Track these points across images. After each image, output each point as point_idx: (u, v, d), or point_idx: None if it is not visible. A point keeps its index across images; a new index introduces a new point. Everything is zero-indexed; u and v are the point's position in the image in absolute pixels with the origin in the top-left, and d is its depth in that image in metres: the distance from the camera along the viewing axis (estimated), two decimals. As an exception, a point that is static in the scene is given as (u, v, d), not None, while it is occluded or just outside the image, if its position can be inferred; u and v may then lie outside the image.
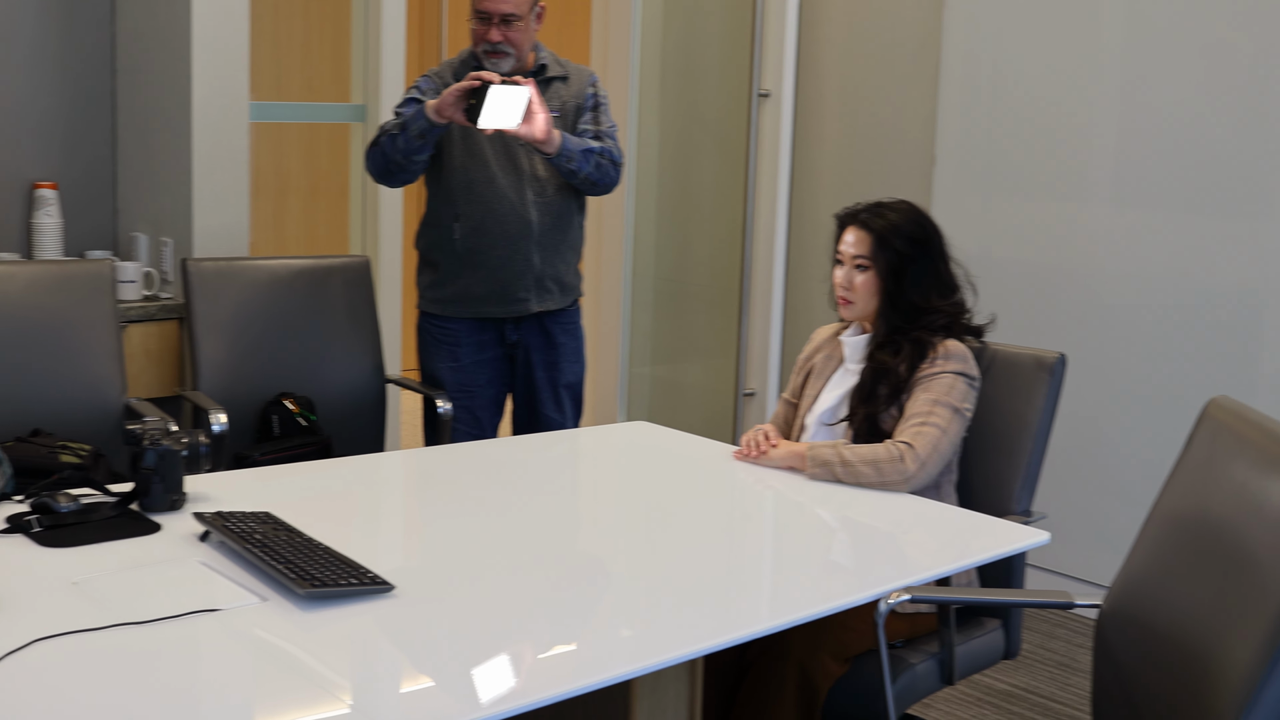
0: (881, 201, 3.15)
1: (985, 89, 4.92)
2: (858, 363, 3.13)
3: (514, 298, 4.03)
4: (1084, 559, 4.57)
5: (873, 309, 3.11)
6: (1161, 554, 2.33)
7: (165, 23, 4.55)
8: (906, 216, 3.11)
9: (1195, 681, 2.08)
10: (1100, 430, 4.62)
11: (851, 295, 3.11)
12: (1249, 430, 2.22)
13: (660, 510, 2.91)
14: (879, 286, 3.08)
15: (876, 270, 3.08)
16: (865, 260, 3.08)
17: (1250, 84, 4.23)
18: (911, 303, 3.06)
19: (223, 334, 4.10)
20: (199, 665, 1.99)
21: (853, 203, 3.18)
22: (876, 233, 3.08)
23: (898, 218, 3.10)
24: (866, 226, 3.09)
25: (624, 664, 2.04)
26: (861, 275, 3.09)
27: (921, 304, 3.07)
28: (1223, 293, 4.33)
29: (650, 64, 5.99)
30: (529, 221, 3.97)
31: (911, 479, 2.89)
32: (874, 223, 3.09)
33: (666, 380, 6.20)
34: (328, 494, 2.93)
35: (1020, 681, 4.11)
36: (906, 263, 3.07)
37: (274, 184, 6.31)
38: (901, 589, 2.41)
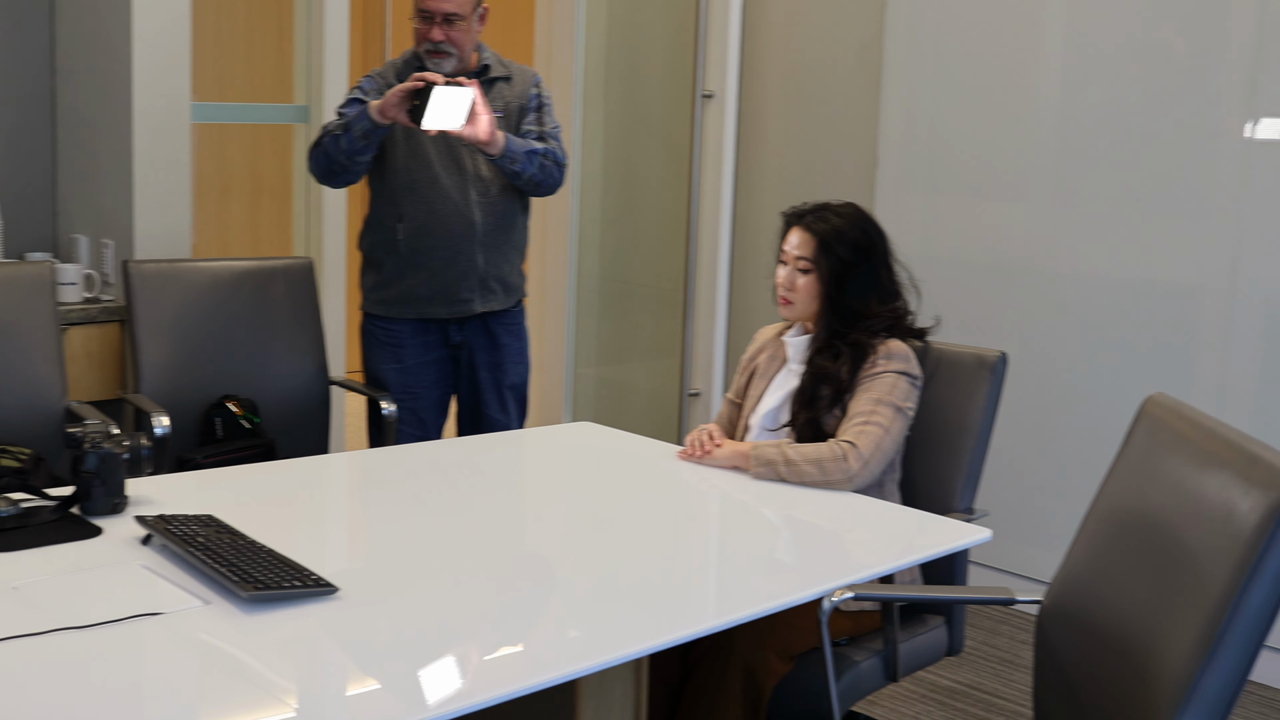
0: (828, 204, 3.15)
1: (927, 89, 4.95)
2: (800, 363, 3.14)
3: (458, 298, 4.02)
4: (1026, 556, 4.61)
5: (813, 311, 3.13)
6: (1100, 550, 2.35)
7: (105, 23, 4.52)
8: (852, 222, 3.11)
9: (1134, 675, 2.11)
10: (1041, 428, 4.66)
11: (793, 296, 3.12)
12: (1186, 427, 2.25)
13: (605, 510, 2.92)
14: (820, 290, 3.09)
15: (819, 274, 3.08)
16: (808, 263, 3.09)
17: (1187, 85, 4.28)
18: (852, 308, 3.08)
19: (165, 336, 4.07)
20: (142, 670, 1.97)
21: (799, 202, 3.19)
22: (820, 237, 3.08)
23: (843, 223, 3.10)
24: (811, 230, 3.10)
25: (569, 664, 2.04)
26: (804, 277, 3.10)
27: (862, 310, 3.08)
28: (1161, 291, 4.38)
29: (594, 65, 5.99)
30: (473, 222, 3.97)
31: (855, 478, 2.90)
32: (818, 226, 3.10)
33: (611, 381, 6.20)
34: (271, 496, 2.92)
35: (964, 678, 4.14)
36: (849, 269, 3.07)
37: (216, 185, 6.27)
38: (845, 587, 2.42)
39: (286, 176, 5.68)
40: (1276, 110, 4.10)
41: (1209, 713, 1.96)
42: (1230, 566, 1.94)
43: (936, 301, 4.84)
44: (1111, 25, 4.45)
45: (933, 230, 4.95)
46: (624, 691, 2.44)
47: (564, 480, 3.25)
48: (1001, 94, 4.74)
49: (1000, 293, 4.76)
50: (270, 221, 6.32)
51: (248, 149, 6.37)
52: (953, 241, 4.90)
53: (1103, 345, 4.51)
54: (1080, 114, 4.54)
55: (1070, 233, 4.58)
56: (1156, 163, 4.36)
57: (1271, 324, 4.13)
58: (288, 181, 5.64)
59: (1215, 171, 4.23)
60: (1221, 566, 1.97)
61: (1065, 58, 4.58)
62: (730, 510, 2.92)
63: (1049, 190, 4.64)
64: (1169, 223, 4.35)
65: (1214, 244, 4.24)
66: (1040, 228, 4.66)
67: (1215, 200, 4.24)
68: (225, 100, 5.99)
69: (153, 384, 4.01)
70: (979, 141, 4.81)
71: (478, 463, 3.29)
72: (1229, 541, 1.97)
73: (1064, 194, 4.60)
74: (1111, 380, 4.47)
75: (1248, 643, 1.94)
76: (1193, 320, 4.31)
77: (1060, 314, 4.61)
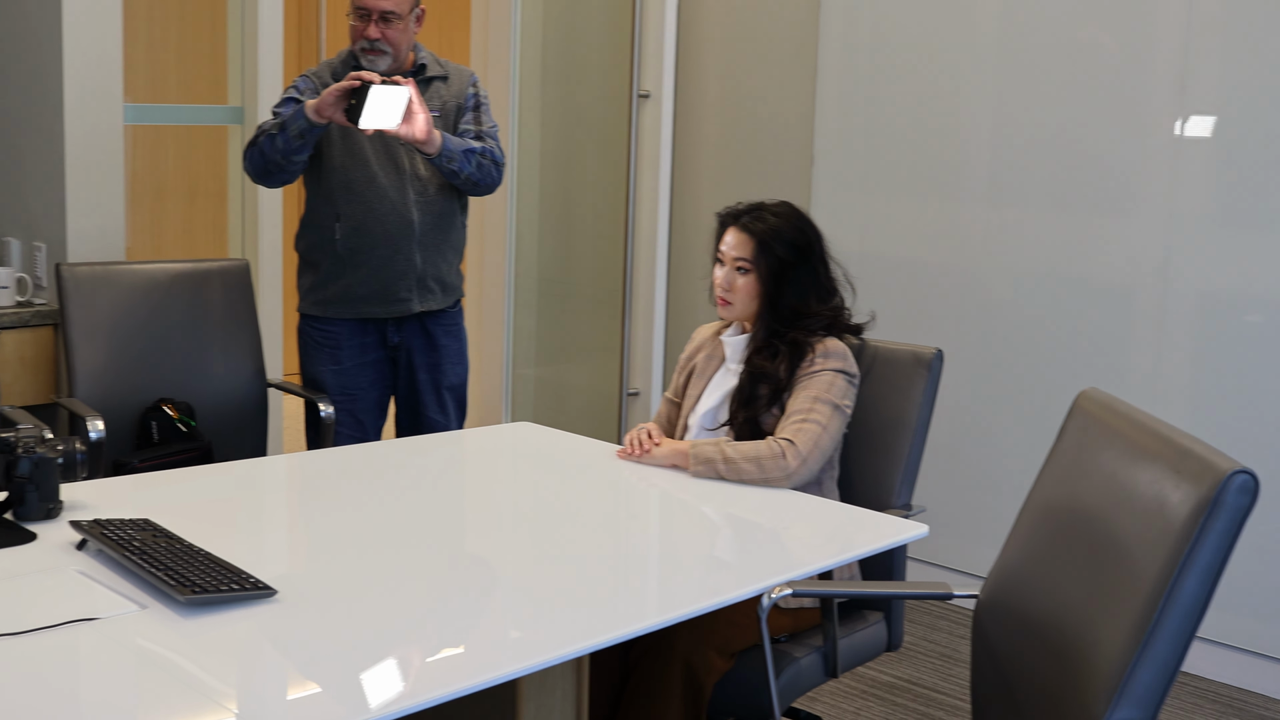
0: (764, 203, 3.16)
1: (862, 89, 4.98)
2: (738, 363, 3.15)
3: (396, 298, 4.01)
4: (963, 551, 4.65)
5: (752, 311, 3.13)
6: (1035, 544, 2.37)
7: (35, 23, 4.47)
8: (788, 221, 3.12)
9: (1069, 667, 2.13)
10: (977, 424, 4.70)
11: (731, 296, 3.13)
12: (1118, 421, 2.28)
13: (546, 510, 2.92)
14: (759, 290, 3.10)
15: (757, 275, 3.09)
16: (746, 264, 3.10)
17: (1117, 84, 4.33)
18: (791, 307, 3.09)
19: (99, 340, 4.03)
20: (79, 676, 1.96)
21: (735, 201, 3.20)
22: (758, 237, 3.09)
23: (780, 222, 3.11)
24: (748, 230, 3.11)
25: (510, 664, 2.04)
26: (742, 278, 3.11)
27: (800, 309, 3.09)
28: (1093, 288, 4.43)
29: (530, 65, 5.99)
30: (410, 221, 3.96)
31: (793, 475, 2.92)
32: (755, 226, 3.10)
33: (551, 381, 6.20)
34: (209, 500, 2.90)
35: (903, 673, 4.17)
36: (787, 268, 3.08)
37: (151, 187, 6.22)
38: (784, 583, 2.44)
39: (221, 178, 5.64)
40: (1205, 108, 4.15)
41: (1142, 703, 1.99)
42: (1162, 559, 1.97)
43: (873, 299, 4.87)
44: (1043, 25, 4.50)
45: (869, 229, 4.98)
46: (565, 691, 2.45)
47: (504, 481, 3.25)
48: (935, 94, 4.78)
49: (936, 290, 4.80)
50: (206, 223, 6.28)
51: (182, 150, 6.32)
52: (889, 240, 4.93)
53: (1037, 342, 4.56)
54: (1013, 113, 4.59)
55: (1004, 231, 4.62)
56: (1088, 161, 4.41)
57: (1202, 320, 4.19)
58: (223, 183, 5.60)
59: (1146, 169, 4.28)
60: (1153, 559, 1.99)
61: (998, 58, 4.62)
62: (670, 509, 2.93)
63: (983, 189, 4.68)
64: (1101, 220, 4.40)
65: (1145, 241, 4.29)
66: (975, 226, 4.70)
67: (1146, 198, 4.29)
68: (159, 101, 5.94)
69: (87, 388, 3.98)
70: (914, 141, 4.84)
71: (417, 464, 3.29)
72: (1161, 534, 2.00)
73: (998, 192, 4.64)
74: (1046, 376, 4.52)
75: (1180, 634, 1.97)
76: (1125, 316, 4.36)
77: (995, 311, 4.66)
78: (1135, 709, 1.99)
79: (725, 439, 3.03)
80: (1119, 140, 4.34)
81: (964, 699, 3.98)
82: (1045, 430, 2.70)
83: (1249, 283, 4.10)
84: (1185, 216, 4.20)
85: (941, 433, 3.90)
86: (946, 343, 3.77)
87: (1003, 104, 4.62)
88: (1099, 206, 4.40)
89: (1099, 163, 4.39)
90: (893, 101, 4.90)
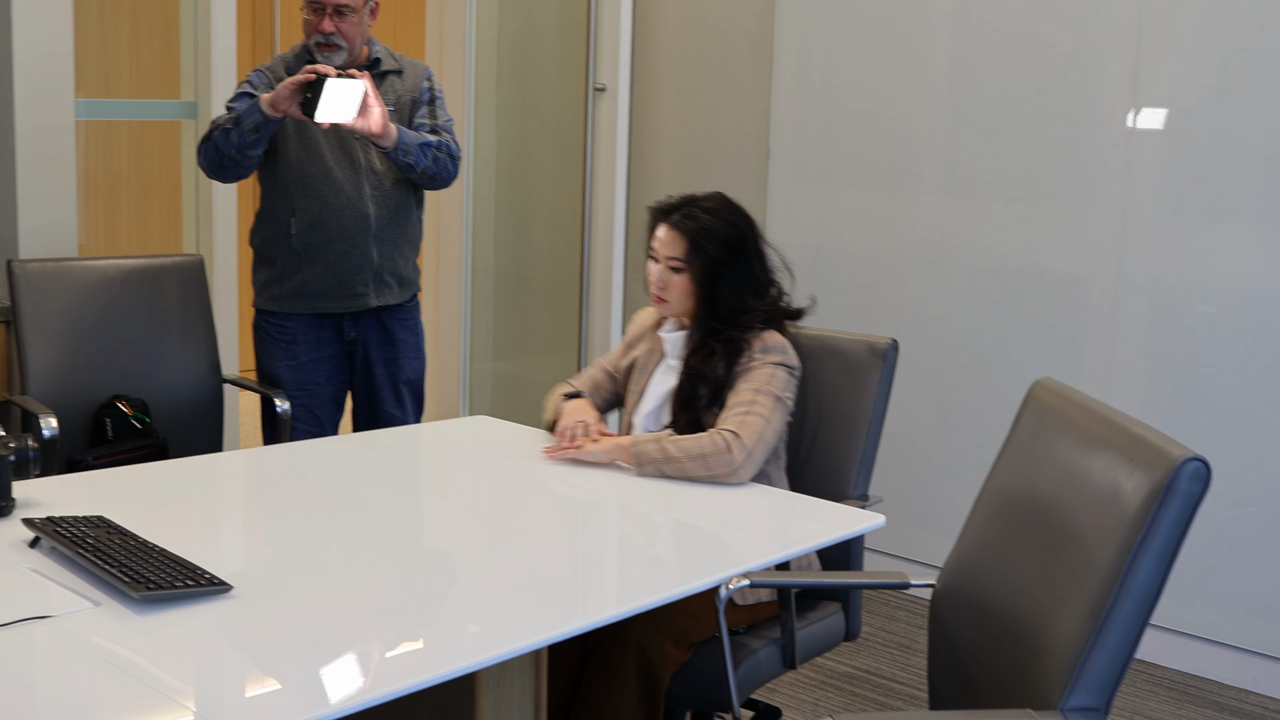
0: (695, 197, 3.09)
1: (817, 83, 4.99)
2: (678, 359, 3.12)
3: (352, 293, 4.00)
4: (920, 541, 4.67)
5: (688, 308, 3.09)
6: (991, 532, 2.39)
7: (-16, 18, 4.43)
8: (720, 217, 3.05)
9: (1025, 654, 2.15)
10: (933, 414, 4.73)
11: (667, 294, 3.07)
12: (1072, 410, 2.29)
13: (503, 504, 2.92)
14: (694, 290, 3.05)
15: (691, 274, 3.04)
16: (679, 263, 3.04)
17: (1070, 76, 4.36)
18: (728, 304, 3.04)
19: (52, 336, 4.00)
20: (33, 674, 1.94)
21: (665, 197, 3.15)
22: (690, 236, 3.02)
23: (712, 219, 3.04)
24: (680, 228, 3.04)
25: (468, 656, 2.04)
26: (676, 276, 3.05)
27: (737, 305, 3.04)
28: (1048, 279, 4.45)
29: (486, 59, 5.98)
30: (366, 215, 3.95)
31: (739, 470, 2.88)
32: (687, 224, 3.03)
33: (508, 375, 6.20)
34: (163, 496, 2.88)
35: (861, 664, 4.19)
36: (721, 266, 3.03)
37: (103, 183, 6.17)
38: (741, 574, 2.44)
39: (175, 173, 5.61)
40: (1158, 100, 4.18)
41: (1097, 690, 2.01)
42: (1116, 546, 1.99)
43: (827, 290, 4.88)
44: (996, 17, 4.52)
45: (825, 220, 4.99)
46: (524, 683, 2.45)
47: (461, 475, 3.24)
48: (890, 87, 4.79)
49: (891, 282, 4.82)
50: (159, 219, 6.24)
51: (135, 146, 6.27)
52: (844, 231, 4.95)
53: (992, 332, 4.59)
54: (967, 106, 4.61)
55: (959, 222, 4.64)
56: (1042, 153, 4.44)
57: (1156, 309, 4.22)
58: (176, 178, 5.57)
59: (1099, 162, 4.31)
60: (1107, 546, 2.01)
61: (953, 51, 4.64)
62: (626, 501, 2.93)
63: (938, 181, 4.70)
64: (1055, 212, 4.42)
65: (1099, 232, 4.32)
66: (929, 218, 4.72)
67: (1100, 190, 4.32)
68: (111, 97, 5.90)
69: (40, 385, 3.94)
70: (869, 133, 4.86)
71: (374, 458, 3.28)
72: (1114, 521, 2.01)
73: (952, 184, 4.66)
74: (1001, 366, 4.55)
75: (1134, 620, 1.99)
76: (1080, 307, 4.39)
77: (950, 302, 4.68)
78: (1090, 695, 2.01)
79: (668, 433, 3.00)
80: (1073, 132, 4.37)
81: (922, 688, 4.00)
82: (1000, 420, 2.71)
83: (1202, 274, 4.13)
84: (1139, 208, 4.24)
85: (897, 423, 3.92)
86: (902, 334, 3.79)
87: (957, 96, 4.64)
88: (1053, 198, 4.43)
89: (1053, 155, 4.42)
90: (848, 94, 4.91)
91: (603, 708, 2.74)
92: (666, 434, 2.98)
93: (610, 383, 3.31)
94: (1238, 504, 4.06)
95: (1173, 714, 3.91)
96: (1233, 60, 4.04)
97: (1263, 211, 4.01)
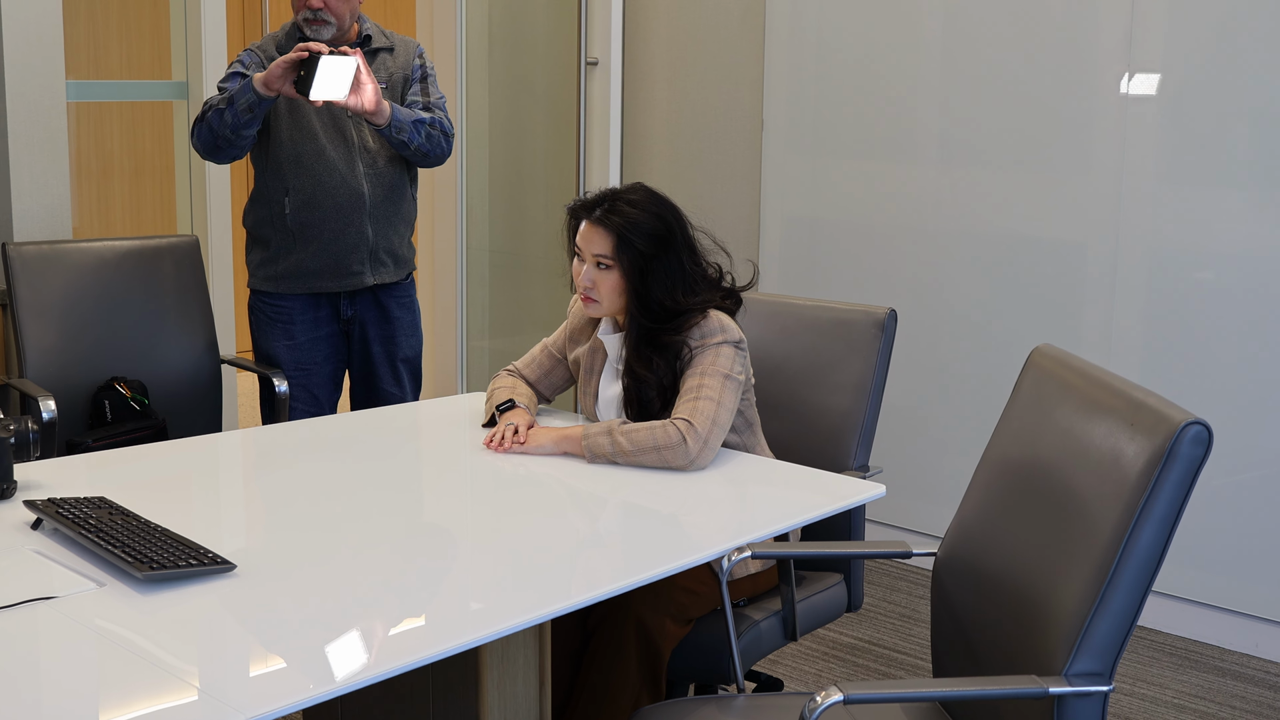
0: (617, 192, 3.01)
1: (810, 53, 4.98)
2: (620, 362, 3.05)
3: (348, 271, 4.00)
4: (921, 511, 4.68)
5: (620, 306, 3.00)
6: (992, 500, 2.39)
7: (-27, 1, 4.41)
8: (645, 210, 2.96)
9: (1028, 621, 2.15)
10: (932, 384, 4.73)
11: (596, 294, 2.98)
12: (1072, 376, 2.30)
13: (504, 480, 2.92)
14: (624, 286, 2.96)
15: (620, 270, 2.95)
16: (607, 260, 2.95)
17: (1064, 42, 4.35)
18: (658, 301, 2.94)
19: (49, 319, 4.01)
20: (38, 655, 1.95)
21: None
22: (616, 232, 2.94)
23: (637, 213, 2.94)
24: (604, 224, 2.95)
25: (472, 632, 2.04)
26: (605, 274, 2.96)
27: (669, 304, 2.94)
28: (1045, 247, 4.46)
29: (477, 34, 5.97)
30: (361, 193, 3.95)
31: (696, 459, 2.82)
32: (611, 220, 2.94)
33: (505, 352, 6.19)
34: (164, 477, 2.89)
35: (863, 634, 4.20)
36: (650, 261, 2.93)
37: (96, 164, 6.17)
38: (743, 546, 2.45)
39: (168, 153, 5.60)
40: (1152, 64, 4.18)
41: (1101, 655, 2.01)
42: (1118, 511, 1.99)
43: (824, 261, 4.90)
44: (989, -15, 4.51)
45: (820, 191, 4.99)
46: (527, 658, 2.46)
47: (461, 452, 3.24)
48: (884, 56, 4.78)
49: (888, 251, 4.82)
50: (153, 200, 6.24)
51: (127, 127, 6.27)
52: (840, 202, 4.94)
53: (990, 301, 4.59)
54: (962, 74, 4.60)
55: (955, 191, 4.64)
56: (1038, 120, 4.43)
57: (1154, 274, 4.22)
58: (169, 159, 5.57)
59: (1095, 127, 4.31)
60: (1109, 512, 2.01)
61: (945, 18, 4.63)
62: (625, 477, 2.91)
63: (934, 150, 4.69)
64: (1052, 179, 4.42)
65: (1096, 199, 4.32)
66: (926, 187, 4.71)
67: (1096, 156, 4.31)
68: (102, 78, 5.89)
69: (38, 368, 3.95)
70: (863, 103, 4.85)
71: (373, 436, 3.28)
72: (1116, 487, 2.02)
73: (948, 153, 4.66)
74: (1000, 335, 4.55)
75: (1137, 584, 1.99)
76: (1078, 274, 4.39)
77: (948, 271, 4.68)
78: (1094, 660, 2.01)
79: (619, 424, 2.90)
80: (1068, 99, 4.36)
81: (924, 658, 4.01)
82: (1000, 388, 2.72)
83: (1199, 240, 4.13)
84: (1135, 174, 4.23)
85: (897, 393, 3.92)
86: (900, 303, 3.80)
87: (951, 65, 4.63)
88: (1049, 165, 4.43)
89: (1048, 122, 4.41)
90: (841, 64, 4.91)
91: (605, 684, 2.75)
92: (618, 423, 2.90)
93: (555, 366, 3.26)
94: (1238, 469, 4.07)
95: (1175, 679, 3.93)
96: (1227, 23, 4.04)
97: (1259, 176, 4.01)
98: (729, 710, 2.50)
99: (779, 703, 2.53)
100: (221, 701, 1.78)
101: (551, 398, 3.32)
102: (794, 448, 3.14)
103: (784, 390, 3.22)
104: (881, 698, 2.45)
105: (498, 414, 3.11)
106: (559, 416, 3.30)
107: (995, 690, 2.13)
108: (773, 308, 3.31)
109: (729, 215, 5.17)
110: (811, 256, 5.00)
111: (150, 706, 1.79)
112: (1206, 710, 3.75)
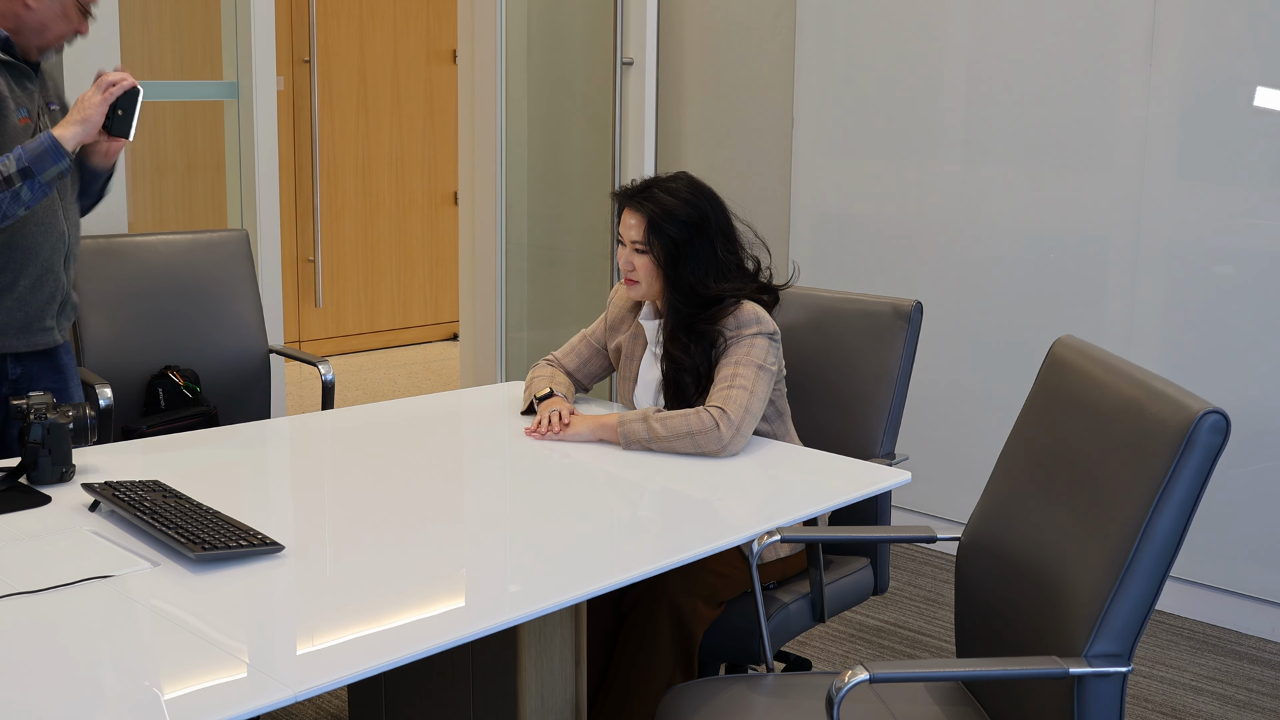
0: (657, 179, 3.10)
1: (839, 53, 5.03)
2: (659, 346, 3.13)
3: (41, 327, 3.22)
4: (946, 499, 4.72)
5: (657, 290, 3.09)
6: (1015, 485, 2.43)
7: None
8: (681, 198, 3.05)
9: (1049, 604, 2.19)
10: (957, 374, 4.78)
11: (635, 276, 3.08)
12: (1093, 366, 2.32)
13: (541, 466, 2.96)
14: (658, 271, 3.06)
15: (653, 255, 3.04)
16: (641, 245, 3.05)
17: (1088, 41, 4.38)
18: (691, 287, 3.03)
19: (106, 311, 4.10)
20: (95, 632, 2.00)
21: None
22: (650, 217, 3.03)
23: (673, 200, 3.03)
24: (641, 210, 3.05)
25: (510, 612, 2.09)
26: (641, 258, 3.06)
27: (700, 289, 3.03)
28: (1068, 241, 4.49)
29: (517, 36, 6.03)
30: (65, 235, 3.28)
31: (729, 446, 2.89)
32: (647, 206, 3.04)
33: (542, 343, 6.27)
34: (216, 461, 2.95)
35: (889, 617, 4.26)
36: (681, 247, 3.02)
37: (151, 162, 6.27)
38: (772, 530, 2.51)
39: (219, 151, 5.69)
40: (1174, 61, 4.20)
41: (1120, 637, 2.05)
42: (1137, 498, 2.03)
43: (853, 255, 4.95)
44: (1021, -17, 4.55)
45: (850, 187, 5.04)
46: (564, 638, 2.52)
47: (500, 439, 3.30)
48: (912, 56, 4.83)
49: (915, 245, 4.87)
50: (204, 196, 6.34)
51: (180, 126, 6.37)
52: (868, 198, 4.99)
53: (1013, 294, 4.63)
54: (987, 72, 4.64)
55: (980, 187, 4.69)
56: (1061, 117, 4.47)
57: (1174, 267, 4.26)
58: (220, 156, 5.66)
59: (1117, 124, 4.34)
60: (1129, 498, 2.05)
61: (972, 17, 4.67)
62: (659, 463, 2.94)
63: (959, 147, 4.74)
64: (1075, 174, 4.46)
65: (1118, 194, 4.35)
66: (951, 183, 4.76)
67: (1118, 152, 4.35)
68: (156, 79, 5.99)
69: (95, 357, 4.05)
70: (891, 101, 4.90)
71: (416, 424, 3.34)
72: (1136, 474, 2.05)
73: (974, 150, 4.70)
74: (1023, 327, 4.58)
75: (1155, 570, 2.03)
76: (1100, 268, 4.43)
77: (973, 264, 4.72)
78: (1114, 642, 2.04)
79: (654, 411, 2.98)
80: (1090, 97, 4.40)
81: (948, 640, 4.07)
82: (1023, 379, 2.76)
83: (1220, 235, 4.17)
84: (1156, 170, 4.27)
85: (922, 384, 3.97)
86: (926, 296, 3.84)
87: (976, 64, 4.67)
88: (1072, 161, 4.47)
89: (1071, 118, 4.45)
90: (870, 64, 4.96)
91: (640, 664, 2.81)
92: (653, 410, 2.98)
93: (594, 355, 3.33)
94: (1255, 458, 4.11)
95: (1193, 662, 3.98)
96: (1248, 21, 4.06)
97: (1278, 172, 4.04)
98: (759, 689, 2.55)
99: (807, 681, 2.57)
100: (270, 676, 1.83)
101: (589, 386, 3.39)
102: (823, 435, 3.19)
103: (813, 379, 3.28)
104: (906, 677, 2.50)
105: (536, 403, 3.18)
106: (597, 404, 3.35)
107: (1017, 670, 2.16)
108: (803, 300, 3.36)
109: (760, 210, 5.22)
110: (840, 250, 5.05)
111: (202, 682, 1.84)
112: (1224, 693, 3.80)
